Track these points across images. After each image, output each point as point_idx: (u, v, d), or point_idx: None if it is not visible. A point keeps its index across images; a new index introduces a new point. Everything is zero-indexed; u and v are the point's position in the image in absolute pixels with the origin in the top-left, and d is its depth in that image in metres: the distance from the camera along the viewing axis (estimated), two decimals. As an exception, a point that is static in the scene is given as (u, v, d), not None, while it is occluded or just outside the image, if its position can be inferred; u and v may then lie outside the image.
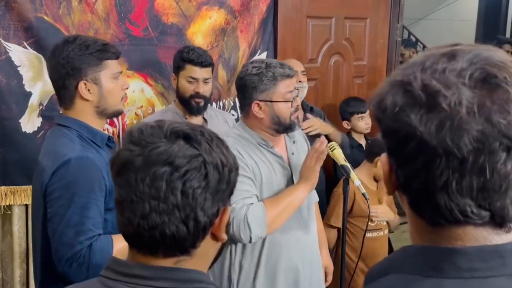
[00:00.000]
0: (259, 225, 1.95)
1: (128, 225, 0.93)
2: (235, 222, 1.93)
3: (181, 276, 0.94)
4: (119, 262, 0.97)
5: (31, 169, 2.62)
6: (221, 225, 0.97)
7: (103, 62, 1.74)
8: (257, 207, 1.97)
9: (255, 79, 2.01)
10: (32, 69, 2.59)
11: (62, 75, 1.71)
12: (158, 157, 0.89)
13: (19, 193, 2.67)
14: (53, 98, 2.66)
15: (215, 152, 0.93)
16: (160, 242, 0.91)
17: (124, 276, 0.94)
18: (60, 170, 1.62)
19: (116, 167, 0.94)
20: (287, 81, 2.05)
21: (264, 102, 2.02)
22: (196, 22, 3.07)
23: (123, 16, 2.81)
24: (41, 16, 2.58)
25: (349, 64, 3.90)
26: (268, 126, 2.07)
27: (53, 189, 1.63)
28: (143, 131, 0.93)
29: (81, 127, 1.74)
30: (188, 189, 0.89)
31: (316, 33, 3.68)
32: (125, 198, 0.92)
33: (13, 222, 2.71)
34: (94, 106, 1.76)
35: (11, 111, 2.57)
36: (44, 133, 2.65)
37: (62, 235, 1.61)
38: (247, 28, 3.30)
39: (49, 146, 1.75)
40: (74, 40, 1.72)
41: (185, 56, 2.60)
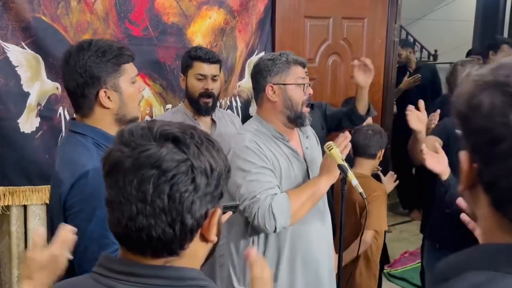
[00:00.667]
0: (283, 215, 2.00)
1: (117, 225, 0.95)
2: (260, 212, 1.98)
3: (174, 274, 0.95)
4: (112, 259, 0.98)
5: (30, 169, 2.64)
6: (210, 226, 0.97)
7: (121, 67, 1.67)
8: (282, 197, 2.03)
9: (269, 63, 2.13)
10: (30, 69, 2.59)
11: (80, 84, 1.63)
12: (146, 160, 0.90)
13: (18, 194, 2.66)
14: (51, 98, 2.66)
15: (203, 156, 0.94)
16: (147, 243, 0.93)
17: (117, 273, 0.95)
18: (79, 182, 1.57)
19: (106, 167, 0.95)
20: (300, 67, 2.15)
21: (278, 85, 2.11)
22: (196, 21, 3.08)
23: (122, 16, 2.80)
24: (39, 16, 2.57)
25: (347, 64, 3.90)
26: (281, 110, 2.14)
27: (72, 203, 1.58)
28: (133, 132, 0.94)
29: (97, 134, 1.68)
30: (175, 193, 0.90)
31: (314, 33, 3.69)
32: (114, 199, 0.94)
33: (11, 223, 2.71)
34: (114, 114, 1.69)
35: (9, 111, 2.57)
36: (42, 133, 2.65)
37: (86, 250, 1.55)
38: (245, 28, 3.30)
39: (65, 155, 1.69)
40: (89, 47, 1.64)
41: (192, 54, 2.66)
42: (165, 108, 3.06)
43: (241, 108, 3.36)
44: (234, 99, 3.34)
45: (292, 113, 2.14)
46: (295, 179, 2.16)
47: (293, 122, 2.18)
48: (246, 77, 3.37)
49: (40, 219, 2.75)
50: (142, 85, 1.81)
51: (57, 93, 2.67)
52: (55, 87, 2.66)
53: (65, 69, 1.67)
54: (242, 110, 3.37)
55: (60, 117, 2.69)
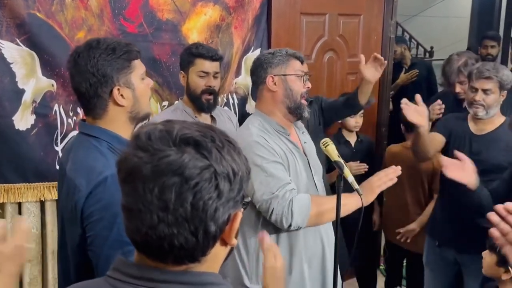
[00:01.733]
0: (301, 214, 2.05)
1: (136, 232, 0.91)
2: (278, 207, 2.02)
3: (193, 279, 0.93)
4: (128, 264, 0.95)
5: (24, 167, 2.63)
6: (232, 231, 0.95)
7: (131, 64, 1.64)
8: (304, 197, 2.08)
9: (269, 56, 2.23)
10: (25, 66, 2.58)
11: (93, 83, 1.59)
12: (167, 167, 0.86)
13: (12, 191, 2.66)
14: (46, 95, 2.65)
15: (225, 161, 0.90)
16: (168, 252, 0.90)
17: (135, 278, 0.92)
18: (97, 190, 1.52)
19: (123, 173, 0.91)
20: (298, 62, 2.23)
21: (278, 76, 2.19)
22: (191, 18, 3.07)
23: (117, 12, 2.79)
24: (33, 13, 2.56)
25: (343, 60, 3.90)
26: (282, 101, 2.20)
27: (91, 211, 1.52)
28: (150, 135, 0.90)
29: (111, 138, 1.63)
30: (198, 201, 0.87)
31: (310, 29, 3.68)
32: (132, 206, 0.90)
33: (5, 220, 2.70)
34: (128, 112, 1.66)
35: (4, 108, 2.56)
36: (37, 130, 2.64)
37: (109, 258, 1.47)
38: (241, 24, 3.30)
39: (79, 160, 1.62)
40: (98, 45, 1.61)
41: (194, 51, 2.66)
42: (162, 105, 3.05)
43: (237, 105, 3.36)
44: (230, 96, 3.33)
45: (292, 103, 2.20)
46: (301, 173, 2.20)
47: (293, 113, 2.23)
48: (243, 74, 3.37)
49: (35, 216, 2.75)
50: (150, 81, 1.77)
51: (52, 90, 2.66)
52: (50, 84, 2.65)
53: (74, 71, 1.61)
54: (239, 107, 3.36)
55: (55, 114, 2.68)
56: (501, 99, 2.76)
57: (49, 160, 2.67)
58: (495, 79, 2.69)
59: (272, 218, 2.05)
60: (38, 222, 2.76)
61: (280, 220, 2.04)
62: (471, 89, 2.76)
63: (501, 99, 2.75)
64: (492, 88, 2.70)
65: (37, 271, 2.79)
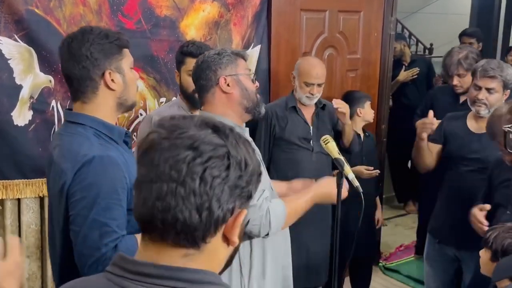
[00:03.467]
0: (278, 222, 2.00)
1: (143, 205, 0.93)
2: (255, 217, 1.93)
3: (190, 277, 0.92)
4: (127, 259, 0.96)
5: (23, 163, 2.63)
6: (234, 226, 0.95)
7: (122, 51, 1.72)
8: (278, 204, 2.02)
9: (216, 57, 2.06)
10: (22, 62, 2.57)
11: (86, 66, 1.65)
12: (184, 141, 0.91)
13: (11, 187, 2.65)
14: (44, 91, 2.64)
15: (240, 149, 0.94)
16: (171, 226, 0.90)
17: (131, 273, 0.93)
18: (81, 171, 1.57)
19: (143, 146, 0.95)
20: (244, 61, 2.11)
21: (230, 76, 2.04)
22: (190, 14, 3.05)
23: (115, 8, 2.78)
24: (32, 9, 2.55)
25: (343, 57, 3.89)
26: (239, 102, 2.06)
27: (74, 191, 1.58)
28: (175, 118, 0.96)
29: (97, 124, 1.68)
30: (207, 176, 0.89)
31: (310, 26, 3.67)
32: (145, 178, 0.92)
33: (5, 217, 2.70)
34: (117, 97, 1.72)
35: (2, 104, 2.55)
36: (35, 126, 2.63)
37: (86, 238, 1.55)
38: (241, 21, 3.28)
39: (64, 146, 1.67)
40: (91, 31, 1.68)
41: (184, 50, 2.62)
42: (159, 102, 3.04)
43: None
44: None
45: (250, 102, 2.08)
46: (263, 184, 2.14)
47: (250, 112, 2.11)
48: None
49: (34, 212, 2.75)
50: (137, 75, 1.84)
51: (50, 86, 2.65)
52: (48, 80, 2.64)
53: (67, 55, 1.68)
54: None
55: (53, 110, 2.67)
56: (504, 97, 2.75)
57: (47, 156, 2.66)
58: (500, 78, 2.69)
59: (247, 227, 1.95)
60: (38, 218, 2.76)
61: (258, 230, 1.96)
62: (475, 87, 2.76)
63: (503, 98, 2.75)
64: (496, 87, 2.70)
65: (36, 267, 2.79)
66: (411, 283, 4.10)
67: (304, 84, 3.05)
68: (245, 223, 1.94)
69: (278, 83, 3.57)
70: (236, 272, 2.10)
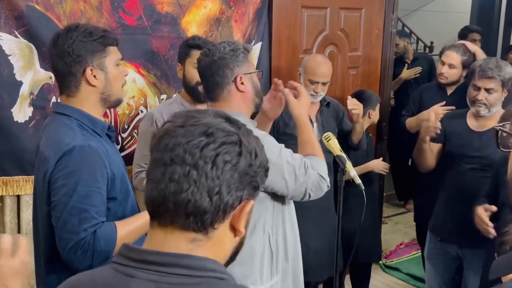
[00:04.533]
0: (326, 173, 2.04)
1: (155, 189, 0.95)
2: (312, 178, 1.97)
3: (194, 264, 0.94)
4: (132, 248, 0.97)
5: (23, 159, 2.62)
6: (241, 216, 0.98)
7: (106, 48, 1.78)
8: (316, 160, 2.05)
9: (232, 54, 2.02)
10: (23, 58, 2.56)
11: (68, 62, 1.73)
12: (198, 128, 0.95)
13: (11, 184, 2.64)
14: (44, 88, 2.63)
15: (251, 141, 0.99)
16: (182, 209, 0.93)
17: (136, 261, 0.95)
18: (63, 159, 1.65)
19: (158, 135, 0.98)
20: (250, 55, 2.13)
21: (245, 74, 2.04)
22: (191, 11, 3.04)
23: (116, 5, 2.77)
24: (32, 5, 2.54)
25: (344, 55, 3.88)
26: (252, 99, 2.07)
27: (56, 178, 1.66)
28: (190, 110, 1.01)
29: (82, 116, 1.76)
30: (219, 161, 0.93)
31: (311, 23, 3.65)
32: (159, 162, 0.95)
33: (4, 213, 2.69)
34: (100, 93, 1.79)
35: (2, 100, 2.54)
36: (35, 122, 2.62)
37: (66, 223, 1.63)
38: (242, 18, 3.27)
39: (49, 136, 1.76)
40: (76, 28, 1.76)
41: (191, 42, 2.64)
42: (160, 99, 3.03)
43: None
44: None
45: (259, 99, 2.12)
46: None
47: (258, 108, 2.17)
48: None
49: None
50: (126, 70, 1.91)
51: (50, 83, 2.64)
52: (48, 76, 2.63)
53: (53, 50, 1.77)
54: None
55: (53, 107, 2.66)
56: (504, 96, 2.74)
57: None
58: (498, 78, 2.69)
59: (311, 194, 2.00)
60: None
61: (318, 187, 2.00)
62: (473, 87, 2.75)
63: (503, 96, 2.74)
64: (494, 87, 2.70)
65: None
66: (411, 281, 4.09)
67: (308, 81, 3.04)
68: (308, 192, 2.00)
69: (279, 80, 3.56)
70: (268, 262, 2.12)
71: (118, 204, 1.78)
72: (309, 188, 1.98)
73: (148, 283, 0.92)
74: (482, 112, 2.74)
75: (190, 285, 0.92)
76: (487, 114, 2.74)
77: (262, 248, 2.08)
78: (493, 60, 2.79)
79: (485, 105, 2.72)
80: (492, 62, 2.74)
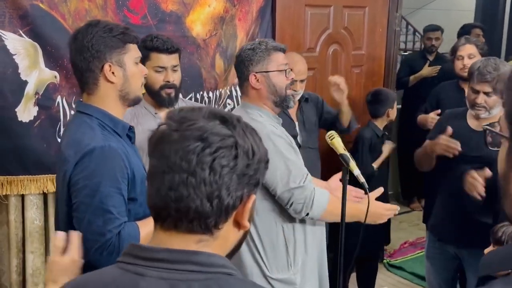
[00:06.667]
0: (319, 206, 2.11)
1: (156, 196, 0.96)
2: (301, 196, 2.08)
3: (204, 260, 0.95)
4: (139, 247, 0.98)
5: (27, 159, 2.62)
6: (245, 212, 0.99)
7: (126, 45, 1.76)
8: (324, 194, 2.14)
9: (250, 53, 2.19)
10: (28, 57, 2.56)
11: (87, 57, 1.72)
12: (193, 133, 0.94)
13: (16, 183, 2.65)
14: (49, 87, 2.63)
15: (248, 139, 0.97)
16: (184, 215, 0.94)
17: (145, 260, 0.95)
18: (84, 159, 1.64)
19: (153, 140, 0.97)
20: (280, 54, 2.22)
21: (260, 73, 2.17)
22: (196, 10, 3.04)
23: (121, 3, 2.77)
24: (36, 4, 2.54)
25: (348, 53, 3.87)
26: (267, 97, 2.21)
27: (77, 179, 1.65)
28: (184, 110, 0.99)
29: (103, 116, 1.74)
30: (216, 166, 0.93)
31: (315, 21, 3.65)
32: (157, 169, 0.95)
33: (9, 212, 2.70)
34: (118, 90, 1.77)
35: (6, 100, 2.54)
36: (40, 122, 2.62)
37: (90, 224, 1.63)
38: (245, 16, 3.27)
39: (70, 135, 1.76)
40: (97, 24, 1.75)
41: (149, 44, 2.44)
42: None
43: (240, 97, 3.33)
44: (234, 88, 3.31)
45: (277, 97, 2.21)
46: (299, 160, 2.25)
47: (279, 106, 2.25)
48: (246, 66, 3.34)
49: (38, 208, 2.74)
50: (145, 70, 1.88)
51: (55, 82, 2.64)
52: (53, 76, 2.63)
53: (73, 45, 1.75)
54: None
55: (58, 106, 2.66)
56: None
57: (51, 152, 2.66)
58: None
59: (292, 206, 2.09)
60: (42, 214, 2.76)
61: (301, 208, 2.08)
62: (472, 90, 2.74)
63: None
64: (493, 90, 2.68)
65: (40, 263, 2.79)
66: (415, 280, 4.09)
67: None
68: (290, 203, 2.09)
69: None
70: (282, 252, 2.21)
71: (138, 205, 1.76)
72: (297, 200, 2.08)
73: (159, 281, 0.93)
74: (482, 115, 2.72)
75: (200, 280, 0.93)
76: (487, 116, 2.73)
77: (275, 238, 2.18)
78: (491, 61, 2.75)
79: (484, 108, 2.70)
80: (491, 64, 2.70)
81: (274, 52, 2.19)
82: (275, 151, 2.07)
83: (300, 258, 2.23)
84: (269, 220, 2.18)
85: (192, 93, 3.09)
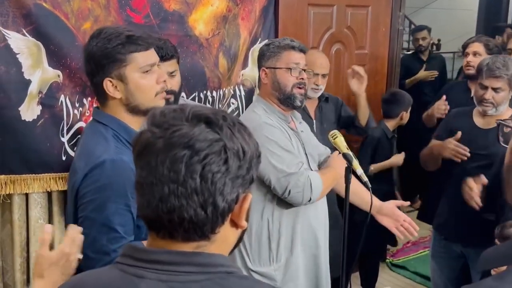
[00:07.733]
0: (317, 189, 2.16)
1: (147, 207, 0.92)
2: (298, 183, 2.11)
3: (204, 260, 0.94)
4: (138, 249, 0.96)
5: (31, 158, 2.62)
6: (241, 212, 0.97)
7: (127, 57, 1.63)
8: (316, 175, 2.20)
9: (265, 48, 2.31)
10: (31, 56, 2.56)
11: (89, 72, 1.65)
12: (178, 140, 0.89)
13: (19, 182, 2.64)
14: (52, 86, 2.63)
15: (236, 138, 0.93)
16: (178, 225, 0.91)
17: (144, 262, 0.93)
18: (93, 172, 1.56)
19: (137, 148, 0.94)
20: (293, 52, 2.26)
21: (269, 68, 2.27)
22: (198, 9, 3.04)
23: (124, 3, 2.76)
24: (40, 3, 2.54)
25: (351, 52, 3.87)
26: (271, 93, 2.28)
27: (85, 193, 1.57)
28: (165, 113, 0.93)
29: (119, 127, 1.66)
30: (207, 173, 0.89)
31: (318, 21, 3.65)
32: (145, 181, 0.92)
33: (13, 211, 2.70)
34: (124, 104, 1.66)
35: (10, 99, 2.53)
36: (43, 121, 2.62)
37: (94, 242, 1.54)
38: (248, 15, 3.27)
39: (83, 144, 1.69)
40: (98, 35, 1.64)
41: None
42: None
43: (244, 97, 3.34)
44: (237, 87, 3.31)
45: (281, 94, 2.26)
46: (302, 158, 2.27)
47: (284, 103, 2.29)
48: (250, 66, 3.35)
49: (42, 207, 2.74)
50: (162, 76, 1.73)
51: (58, 81, 2.64)
52: (57, 75, 2.63)
53: (84, 55, 1.70)
54: (246, 99, 3.34)
55: (61, 105, 2.66)
56: (511, 94, 2.73)
57: (55, 151, 2.66)
58: (506, 77, 2.68)
59: (290, 194, 2.11)
60: (46, 213, 2.76)
61: (301, 196, 2.11)
62: (480, 86, 2.74)
63: (510, 94, 2.73)
64: (502, 86, 2.68)
65: (44, 262, 2.79)
66: (418, 279, 4.09)
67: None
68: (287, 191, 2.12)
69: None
70: (265, 246, 2.23)
71: None
72: (294, 187, 2.10)
73: (158, 283, 0.91)
74: (489, 112, 2.73)
75: (199, 281, 0.92)
76: (494, 113, 2.73)
77: (260, 231, 2.21)
78: (500, 58, 2.76)
79: (492, 104, 2.71)
80: (500, 60, 2.72)
81: (286, 50, 2.24)
82: (268, 140, 2.11)
83: (284, 256, 2.23)
84: (256, 212, 2.21)
85: (196, 92, 3.09)
